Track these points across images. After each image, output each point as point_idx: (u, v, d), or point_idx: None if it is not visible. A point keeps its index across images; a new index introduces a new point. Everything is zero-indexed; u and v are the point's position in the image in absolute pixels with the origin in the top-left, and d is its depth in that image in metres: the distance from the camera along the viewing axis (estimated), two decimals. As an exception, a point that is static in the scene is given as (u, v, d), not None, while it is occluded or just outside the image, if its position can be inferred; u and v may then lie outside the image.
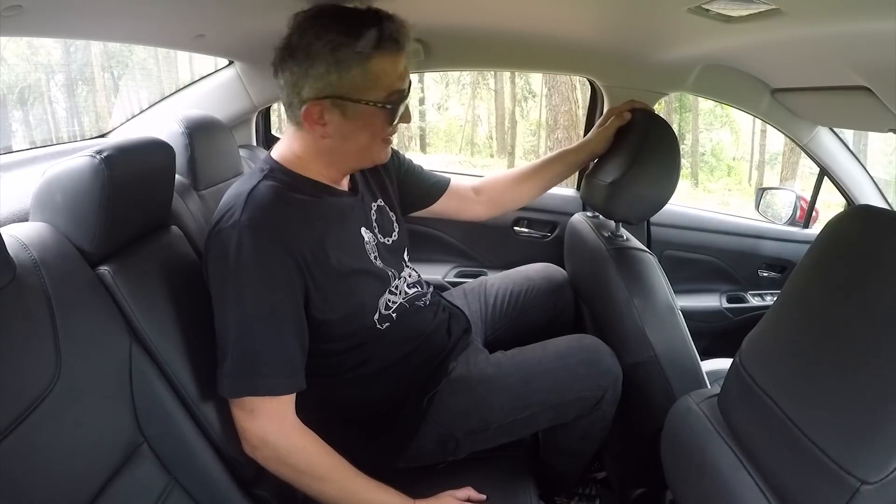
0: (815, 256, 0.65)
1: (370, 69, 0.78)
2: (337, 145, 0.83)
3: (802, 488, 0.57)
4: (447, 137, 11.60)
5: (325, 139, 0.82)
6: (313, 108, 0.79)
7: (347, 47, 0.76)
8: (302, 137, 0.84)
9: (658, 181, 1.08)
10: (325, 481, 0.79)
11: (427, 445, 0.92)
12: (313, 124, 0.81)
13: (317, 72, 0.77)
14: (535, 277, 1.24)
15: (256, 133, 1.60)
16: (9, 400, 0.55)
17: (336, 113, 0.80)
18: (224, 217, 0.78)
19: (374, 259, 0.90)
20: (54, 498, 0.58)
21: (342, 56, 0.76)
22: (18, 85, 4.37)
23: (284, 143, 0.87)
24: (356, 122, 0.81)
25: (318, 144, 0.84)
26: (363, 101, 0.79)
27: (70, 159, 0.71)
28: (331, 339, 0.85)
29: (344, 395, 0.91)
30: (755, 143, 10.29)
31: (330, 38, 0.75)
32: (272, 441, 0.76)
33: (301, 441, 0.78)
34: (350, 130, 0.82)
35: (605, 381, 0.95)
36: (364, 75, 0.78)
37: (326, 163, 0.86)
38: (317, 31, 0.76)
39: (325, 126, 0.81)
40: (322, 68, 0.77)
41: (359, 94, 0.79)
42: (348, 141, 0.83)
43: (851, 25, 0.80)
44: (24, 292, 0.60)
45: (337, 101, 0.79)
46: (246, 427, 0.76)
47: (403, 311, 0.93)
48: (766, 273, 1.75)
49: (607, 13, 1.11)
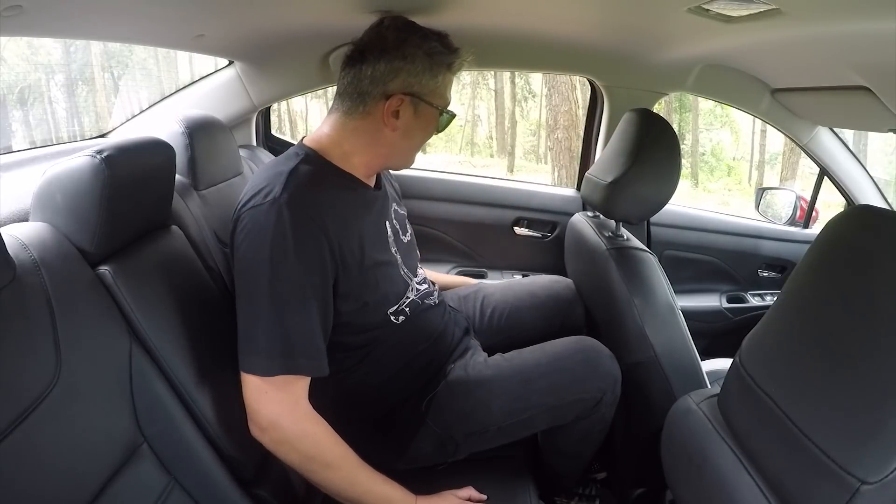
0: (814, 256, 0.65)
1: (447, 81, 0.89)
2: (397, 140, 0.88)
3: (802, 488, 0.57)
4: (447, 137, 11.57)
5: (392, 132, 0.87)
6: (395, 101, 0.85)
7: (444, 56, 0.87)
8: (356, 129, 0.87)
9: (658, 181, 1.08)
10: (331, 469, 0.78)
11: (426, 447, 0.92)
12: (388, 117, 0.85)
13: (414, 69, 0.84)
14: (540, 294, 1.19)
15: (256, 133, 1.61)
16: (9, 400, 0.55)
17: (410, 110, 0.87)
18: (260, 193, 0.78)
19: (395, 252, 0.93)
20: (54, 498, 0.58)
21: (437, 62, 0.86)
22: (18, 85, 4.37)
23: (325, 132, 0.89)
24: (422, 121, 0.88)
25: (378, 136, 0.87)
26: (434, 105, 0.88)
27: (70, 159, 0.71)
28: (346, 331, 0.85)
29: (347, 393, 0.91)
30: (755, 143, 10.29)
31: (431, 45, 0.86)
32: (284, 425, 0.76)
33: (312, 427, 0.78)
34: (414, 128, 0.89)
35: (604, 383, 0.95)
36: (444, 84, 0.89)
37: (373, 155, 0.89)
38: (420, 36, 0.86)
39: (398, 119, 0.86)
40: (419, 67, 0.85)
41: (433, 97, 0.88)
42: (408, 138, 0.89)
43: (851, 25, 0.80)
44: (24, 292, 0.60)
45: (415, 99, 0.86)
46: (258, 409, 0.76)
47: (415, 307, 0.94)
48: (766, 273, 1.75)
49: (607, 13, 1.11)
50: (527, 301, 1.18)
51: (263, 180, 0.80)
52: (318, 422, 0.79)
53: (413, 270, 0.98)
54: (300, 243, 0.75)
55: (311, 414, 0.78)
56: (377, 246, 0.88)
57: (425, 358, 0.94)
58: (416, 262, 1.02)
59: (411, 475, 0.91)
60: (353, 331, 0.86)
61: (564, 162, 5.91)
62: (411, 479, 0.87)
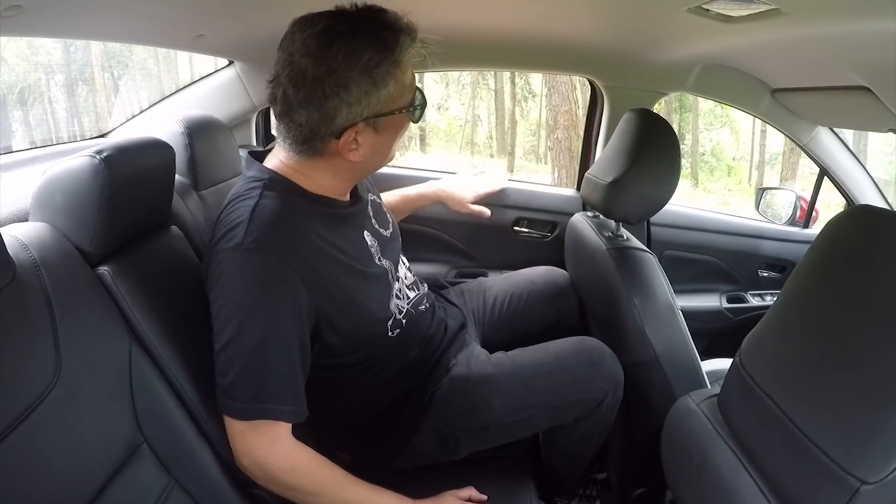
0: (814, 256, 0.65)
1: (401, 77, 0.73)
2: (366, 162, 0.79)
3: (802, 488, 0.57)
4: (447, 137, 11.59)
5: (357, 161, 0.77)
6: (349, 135, 0.73)
7: (384, 60, 0.70)
8: (314, 164, 0.78)
9: (658, 181, 1.08)
10: (316, 496, 0.77)
11: (427, 444, 0.92)
12: (347, 151, 0.75)
13: (352, 97, 0.70)
14: (538, 281, 1.23)
15: (256, 133, 1.60)
16: (9, 400, 0.55)
17: (369, 132, 0.75)
18: (228, 234, 0.73)
19: (378, 261, 0.88)
20: (54, 498, 0.58)
21: (379, 73, 0.70)
22: (18, 85, 4.37)
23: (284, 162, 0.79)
24: (387, 133, 0.77)
25: (341, 165, 0.78)
26: (396, 111, 0.75)
27: (70, 159, 0.71)
28: (341, 353, 0.83)
29: (347, 402, 0.91)
30: (755, 143, 10.29)
31: (363, 59, 0.69)
32: (262, 462, 0.74)
33: (290, 462, 0.75)
34: (381, 144, 0.78)
35: (606, 383, 0.95)
36: (398, 85, 0.73)
37: (343, 179, 0.83)
38: (346, 53, 0.69)
39: (359, 149, 0.76)
40: (357, 93, 0.70)
41: (392, 105, 0.74)
42: (377, 154, 0.79)
43: (851, 25, 0.80)
44: (24, 292, 0.60)
45: (370, 119, 0.73)
46: (236, 448, 0.75)
47: (410, 317, 0.93)
48: (766, 273, 1.75)
49: (607, 13, 1.12)
50: (526, 288, 1.20)
51: (230, 219, 0.75)
52: (298, 454, 0.76)
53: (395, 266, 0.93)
54: (269, 289, 0.71)
55: (290, 450, 0.76)
56: (359, 262, 0.83)
57: (421, 359, 0.94)
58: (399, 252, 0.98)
59: (411, 475, 0.91)
60: (350, 351, 0.85)
61: (564, 162, 5.91)
62: (411, 480, 0.87)
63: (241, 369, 0.72)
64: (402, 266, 0.98)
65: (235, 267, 0.72)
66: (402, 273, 0.96)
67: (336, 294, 0.78)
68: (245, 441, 0.74)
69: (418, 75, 1.12)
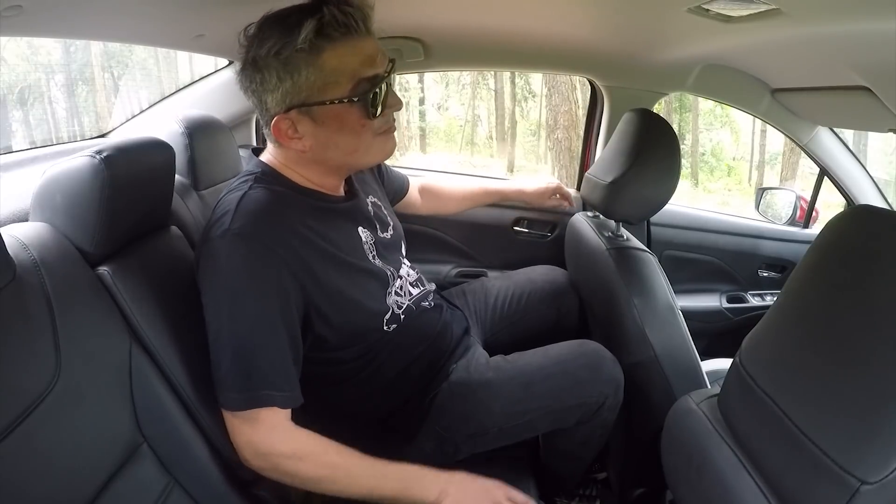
0: (815, 256, 0.64)
1: (323, 65, 0.71)
2: (321, 154, 0.79)
3: (802, 488, 0.56)
4: (447, 137, 11.58)
5: (304, 150, 0.78)
6: (282, 122, 0.75)
7: (289, 47, 0.70)
8: (286, 154, 0.81)
9: (658, 181, 1.08)
10: (326, 482, 0.77)
11: (425, 448, 0.92)
12: (288, 139, 0.76)
13: (271, 83, 0.72)
14: (538, 280, 1.23)
15: (256, 133, 1.61)
16: (9, 400, 0.55)
17: (306, 121, 0.75)
18: (216, 224, 0.75)
19: (372, 259, 0.88)
20: (54, 498, 0.58)
21: (288, 58, 0.70)
22: (18, 85, 4.37)
23: (272, 155, 0.83)
24: (330, 125, 0.75)
25: (301, 157, 0.80)
26: (328, 102, 0.73)
27: (70, 159, 0.71)
28: (336, 347, 0.83)
29: (346, 401, 0.91)
30: (755, 143, 10.29)
31: (271, 43, 0.70)
32: (263, 452, 0.74)
33: (290, 447, 0.75)
34: (327, 136, 0.76)
35: (606, 387, 0.95)
36: (318, 73, 0.72)
37: (321, 172, 0.83)
38: (260, 40, 0.71)
39: (302, 138, 0.76)
40: (274, 78, 0.72)
41: (321, 94, 0.73)
42: (330, 147, 0.78)
43: (851, 25, 0.80)
44: (24, 292, 0.60)
45: (301, 108, 0.74)
46: (237, 441, 0.75)
47: (410, 312, 0.92)
48: (766, 273, 1.75)
49: (607, 13, 1.11)
50: (527, 287, 1.21)
51: (219, 210, 0.77)
52: (298, 439, 0.76)
53: (397, 270, 0.93)
54: (255, 275, 0.72)
55: (289, 436, 0.75)
56: (351, 255, 0.83)
57: (425, 359, 0.93)
58: (401, 258, 0.98)
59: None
60: (344, 345, 0.84)
61: (564, 162, 5.91)
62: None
63: (233, 356, 0.72)
64: (404, 265, 0.98)
65: (222, 253, 0.73)
66: (404, 272, 0.96)
67: (325, 284, 0.78)
68: (244, 433, 0.74)
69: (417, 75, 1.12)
